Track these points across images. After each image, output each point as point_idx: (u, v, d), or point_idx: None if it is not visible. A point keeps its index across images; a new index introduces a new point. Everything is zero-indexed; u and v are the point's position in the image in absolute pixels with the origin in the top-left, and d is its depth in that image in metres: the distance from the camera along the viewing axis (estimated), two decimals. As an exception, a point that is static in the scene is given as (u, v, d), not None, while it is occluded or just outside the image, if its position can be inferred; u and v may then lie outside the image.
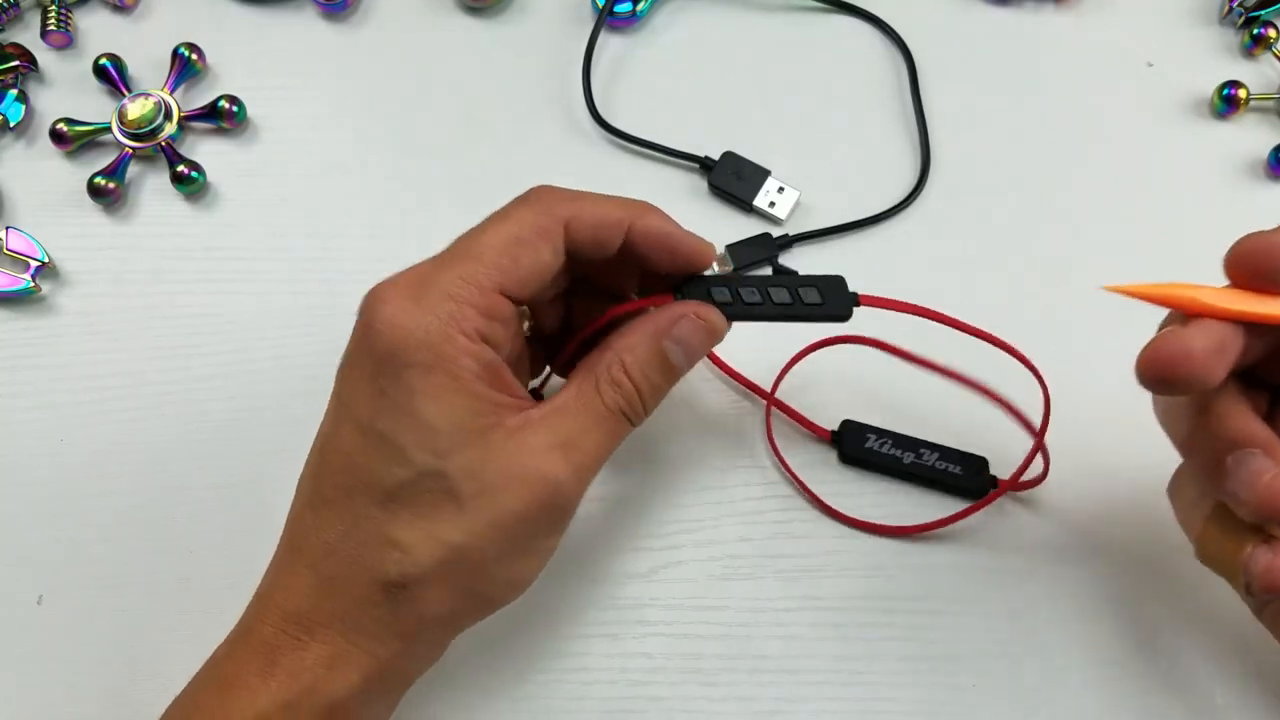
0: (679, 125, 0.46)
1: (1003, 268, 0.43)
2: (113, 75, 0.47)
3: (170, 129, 0.46)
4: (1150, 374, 0.27)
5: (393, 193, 0.45)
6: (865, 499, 0.39)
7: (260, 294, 0.44)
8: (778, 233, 0.44)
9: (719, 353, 0.41)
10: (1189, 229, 0.43)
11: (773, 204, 0.44)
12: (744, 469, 0.40)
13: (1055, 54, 0.48)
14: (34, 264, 0.43)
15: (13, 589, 0.39)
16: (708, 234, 0.33)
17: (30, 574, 0.39)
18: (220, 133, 0.47)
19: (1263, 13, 0.47)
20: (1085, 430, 0.40)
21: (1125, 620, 0.37)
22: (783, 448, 0.40)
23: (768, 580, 0.38)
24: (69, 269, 0.44)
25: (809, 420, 0.40)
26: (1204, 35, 0.48)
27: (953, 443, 0.39)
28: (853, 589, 0.38)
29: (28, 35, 0.49)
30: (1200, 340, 0.27)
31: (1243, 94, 0.45)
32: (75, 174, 0.46)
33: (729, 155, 0.45)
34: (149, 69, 0.48)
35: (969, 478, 0.39)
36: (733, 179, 0.45)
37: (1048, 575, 0.38)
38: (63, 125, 0.46)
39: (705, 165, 0.45)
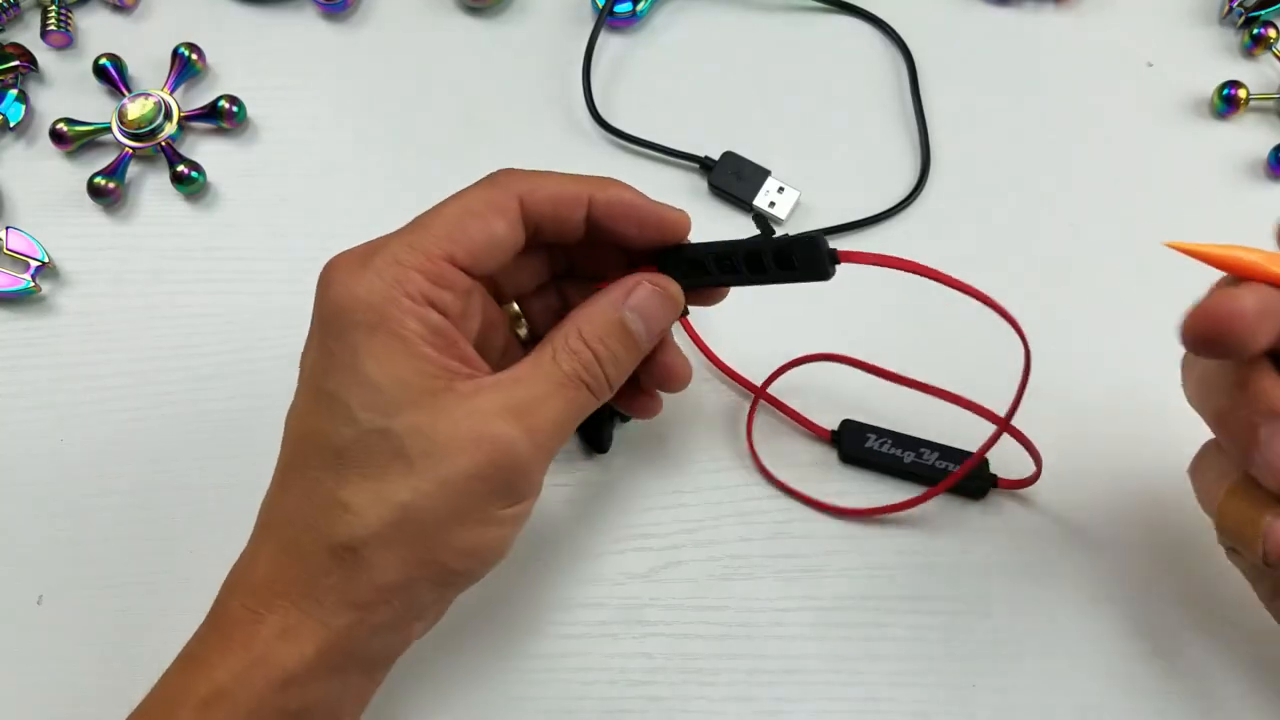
0: (679, 125, 0.46)
1: (1003, 268, 0.43)
2: (113, 75, 0.47)
3: (170, 129, 0.46)
4: (1198, 331, 0.27)
5: (393, 193, 0.45)
6: (866, 498, 0.39)
7: (260, 294, 0.44)
8: (778, 233, 0.44)
9: (714, 348, 0.41)
10: (1189, 229, 0.43)
11: (773, 204, 0.44)
12: (745, 469, 0.40)
13: (1055, 54, 0.48)
14: (34, 264, 0.43)
15: (13, 589, 0.39)
16: (708, 234, 0.33)
17: (30, 574, 0.39)
18: (220, 133, 0.47)
19: (1263, 13, 0.47)
20: (1084, 429, 0.40)
21: (1126, 619, 0.37)
22: (782, 448, 0.40)
23: (768, 580, 0.38)
24: (69, 269, 0.44)
25: (808, 420, 0.40)
26: (1204, 35, 0.48)
27: (955, 442, 0.39)
28: (853, 589, 0.38)
29: (28, 35, 0.49)
30: (1252, 301, 0.27)
31: (1243, 94, 0.45)
32: (75, 174, 0.46)
33: (729, 155, 0.45)
34: (149, 69, 0.48)
35: (969, 476, 0.39)
36: (733, 179, 0.45)
37: (1048, 575, 0.38)
38: (63, 125, 0.46)
39: (705, 165, 0.45)
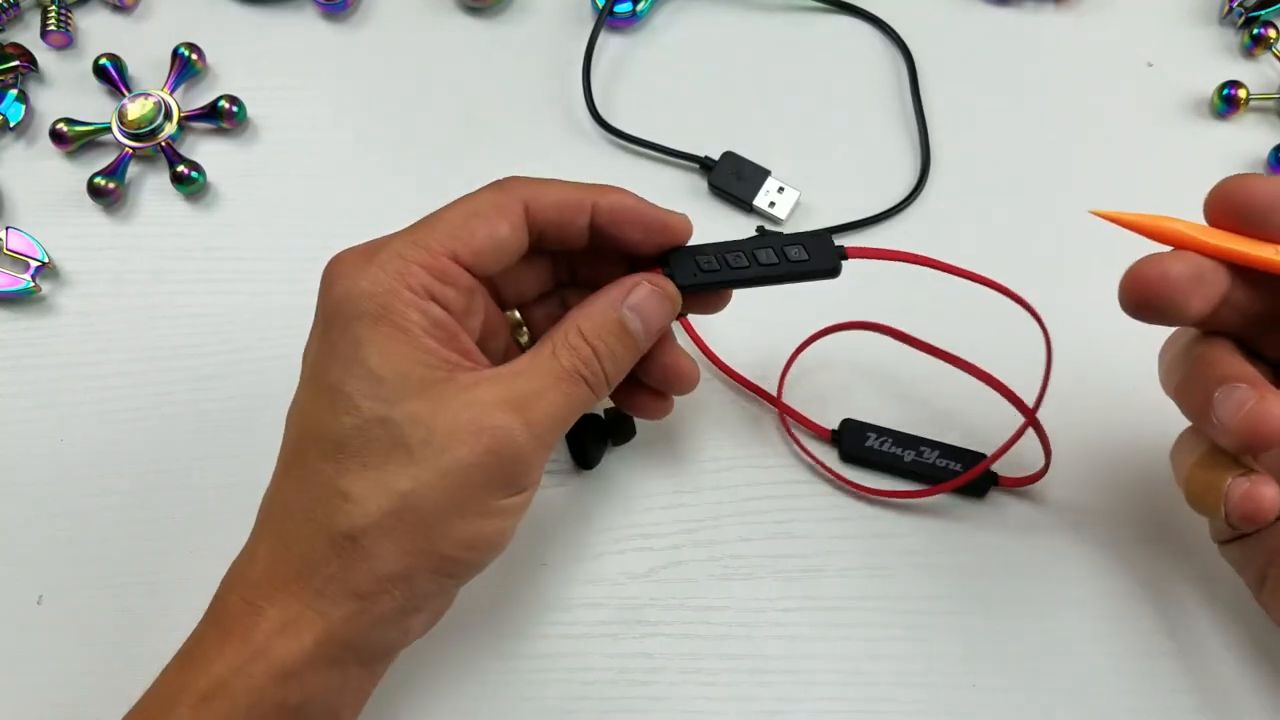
0: (679, 125, 0.46)
1: (1003, 268, 0.43)
2: (113, 75, 0.47)
3: (170, 129, 0.46)
4: (1129, 295, 0.29)
5: (392, 193, 0.45)
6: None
7: (260, 294, 0.44)
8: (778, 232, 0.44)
9: (719, 353, 0.41)
10: (1189, 229, 0.43)
11: (773, 204, 0.44)
12: (745, 469, 0.40)
13: (1055, 54, 0.48)
14: (34, 264, 0.43)
15: (13, 589, 0.39)
16: (708, 234, 0.33)
17: (30, 574, 0.39)
18: (220, 133, 0.47)
19: (1263, 13, 0.47)
20: (1087, 428, 0.40)
21: (1127, 619, 0.37)
22: (782, 447, 0.40)
23: (768, 580, 0.38)
24: (69, 269, 0.44)
25: (808, 419, 0.40)
26: (1204, 35, 0.48)
27: (954, 440, 0.39)
28: (853, 589, 0.38)
29: (28, 35, 0.49)
30: (1178, 266, 0.28)
31: (1243, 94, 0.45)
32: (75, 174, 0.46)
33: (729, 155, 0.45)
34: (149, 69, 0.48)
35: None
36: (733, 179, 0.45)
37: (1048, 574, 0.38)
38: (63, 125, 0.46)
39: (705, 165, 0.45)
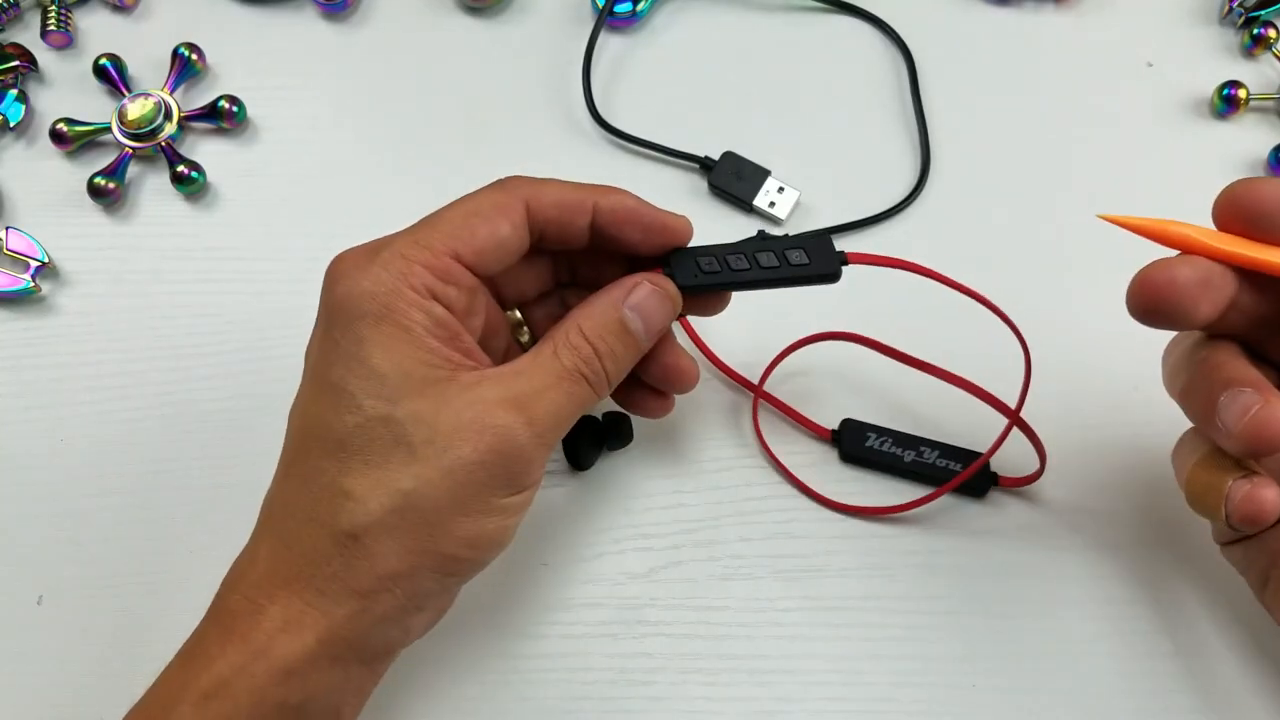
0: (679, 125, 0.46)
1: (1003, 267, 0.43)
2: (113, 75, 0.47)
3: (170, 129, 0.46)
4: (1137, 300, 0.29)
5: (392, 193, 0.45)
6: (866, 498, 0.39)
7: (260, 294, 0.44)
8: (778, 233, 0.44)
9: (711, 346, 0.41)
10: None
11: (773, 204, 0.44)
12: (745, 469, 0.40)
13: (1055, 54, 0.48)
14: (34, 264, 0.43)
15: (13, 589, 0.39)
16: (708, 234, 0.33)
17: (30, 574, 0.39)
18: (220, 133, 0.47)
19: (1263, 13, 0.47)
20: (1087, 428, 0.40)
21: (1127, 619, 0.37)
22: (782, 447, 0.40)
23: (768, 580, 0.38)
24: (69, 269, 0.44)
25: (808, 419, 0.40)
26: (1204, 35, 0.48)
27: (954, 440, 0.39)
28: (853, 589, 0.38)
29: (28, 35, 0.49)
30: (1186, 271, 0.28)
31: (1243, 94, 0.45)
32: (75, 174, 0.46)
33: (729, 155, 0.45)
34: (149, 69, 0.48)
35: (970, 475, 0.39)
36: (733, 179, 0.45)
37: (1048, 574, 0.38)
38: (63, 125, 0.46)
39: (705, 165, 0.45)
